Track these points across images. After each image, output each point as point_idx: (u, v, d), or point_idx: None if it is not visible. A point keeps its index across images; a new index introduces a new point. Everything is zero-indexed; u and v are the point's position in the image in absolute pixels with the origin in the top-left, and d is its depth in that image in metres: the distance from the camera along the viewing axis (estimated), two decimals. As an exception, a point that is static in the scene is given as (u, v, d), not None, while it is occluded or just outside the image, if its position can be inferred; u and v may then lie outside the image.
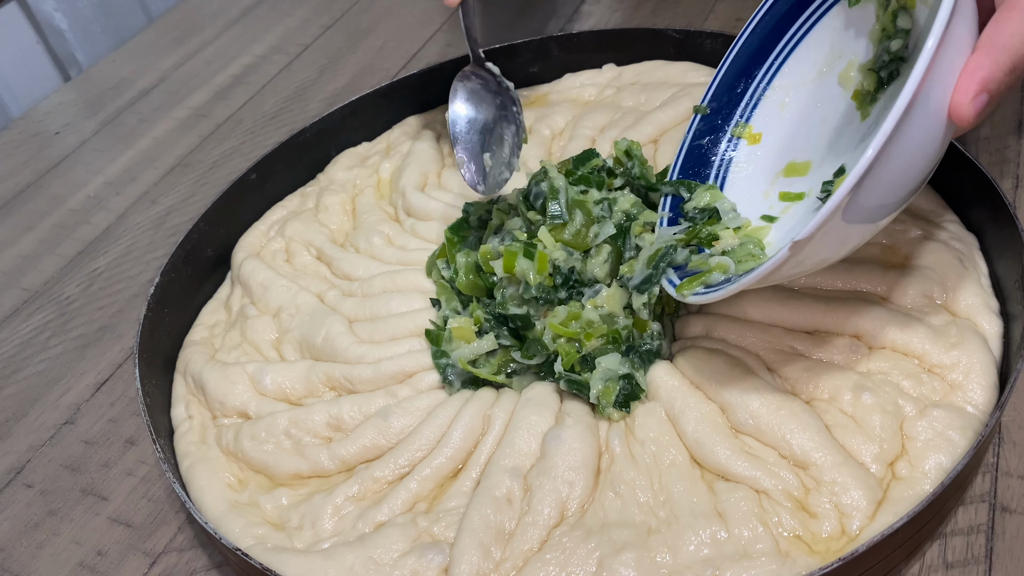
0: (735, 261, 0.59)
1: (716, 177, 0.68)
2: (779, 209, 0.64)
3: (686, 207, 0.66)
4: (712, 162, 0.69)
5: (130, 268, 0.92)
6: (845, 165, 0.61)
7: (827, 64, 0.66)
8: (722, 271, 0.58)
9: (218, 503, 0.62)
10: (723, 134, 0.69)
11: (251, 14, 1.33)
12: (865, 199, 0.47)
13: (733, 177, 0.68)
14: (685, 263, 0.62)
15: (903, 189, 0.49)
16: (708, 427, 0.58)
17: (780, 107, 0.68)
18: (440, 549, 0.55)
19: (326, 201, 0.84)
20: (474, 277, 0.69)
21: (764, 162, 0.68)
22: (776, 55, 0.68)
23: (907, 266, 0.66)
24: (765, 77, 0.68)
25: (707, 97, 0.70)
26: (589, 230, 0.66)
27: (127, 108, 1.17)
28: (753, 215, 0.65)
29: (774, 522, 0.54)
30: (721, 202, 0.65)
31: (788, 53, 0.67)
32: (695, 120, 0.70)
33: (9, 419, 0.78)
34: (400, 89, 0.92)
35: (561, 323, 0.63)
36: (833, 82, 0.65)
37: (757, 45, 0.68)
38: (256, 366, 0.69)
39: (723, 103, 0.69)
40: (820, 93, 0.66)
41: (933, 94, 0.46)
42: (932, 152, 0.49)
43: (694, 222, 0.65)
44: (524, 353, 0.64)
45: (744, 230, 0.63)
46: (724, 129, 0.69)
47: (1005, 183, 0.80)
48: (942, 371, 0.59)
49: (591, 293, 0.65)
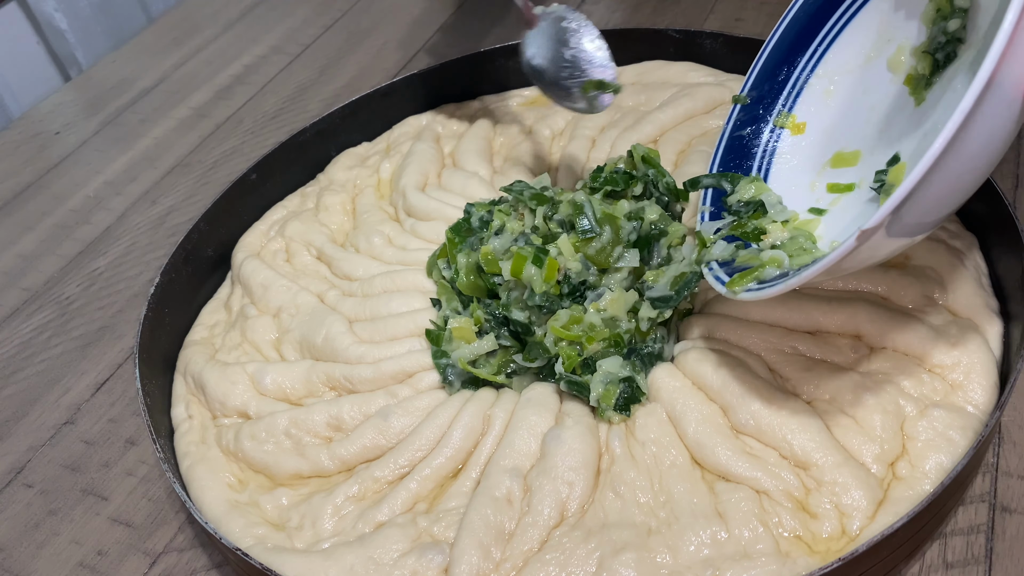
0: (787, 255, 0.57)
1: (759, 169, 0.66)
2: (827, 201, 0.62)
3: (729, 200, 0.64)
4: (754, 153, 0.67)
5: (130, 268, 0.92)
6: (899, 153, 0.58)
7: (875, 49, 0.63)
8: (776, 265, 0.56)
9: (218, 503, 0.62)
10: (765, 124, 0.67)
11: (251, 14, 1.33)
12: (934, 187, 0.45)
13: (777, 169, 0.66)
14: (732, 259, 0.60)
15: (973, 175, 0.47)
16: (709, 428, 0.58)
17: (825, 95, 0.66)
18: (440, 549, 0.55)
19: (326, 201, 0.84)
20: (475, 278, 0.69)
21: (810, 152, 0.65)
22: (820, 41, 0.65)
23: (907, 266, 0.66)
24: (808, 64, 0.66)
25: (747, 86, 0.68)
26: (614, 249, 0.65)
27: (127, 108, 1.17)
28: (800, 208, 0.62)
29: (774, 522, 0.54)
30: (767, 195, 0.63)
31: (833, 39, 0.65)
32: (735, 110, 0.68)
33: (9, 419, 0.78)
34: (400, 89, 0.92)
35: (563, 326, 0.63)
36: (882, 67, 0.63)
37: (799, 31, 0.66)
38: (256, 366, 0.69)
39: (764, 92, 0.67)
40: (868, 79, 0.64)
41: (1010, 74, 0.43)
42: (1006, 136, 0.46)
43: (739, 216, 0.63)
44: (526, 356, 0.64)
45: (792, 223, 0.61)
46: (766, 119, 0.67)
47: (1005, 183, 0.80)
48: (943, 371, 0.59)
49: (594, 296, 0.65)
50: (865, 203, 0.60)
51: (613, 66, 0.72)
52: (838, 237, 0.58)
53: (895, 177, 0.56)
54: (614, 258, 0.65)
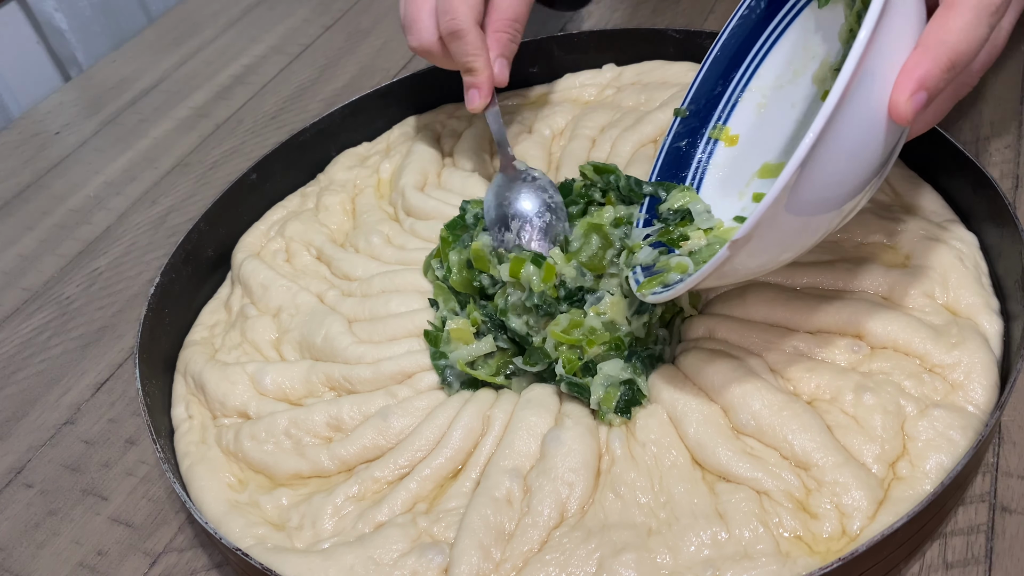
0: (699, 261, 0.60)
1: (693, 178, 0.69)
2: (751, 210, 0.63)
3: (661, 208, 0.67)
4: (690, 164, 0.69)
5: (130, 268, 0.92)
6: None
7: (801, 65, 0.66)
8: (680, 271, 0.59)
9: (218, 503, 0.62)
10: (701, 136, 0.70)
11: (251, 14, 1.33)
12: (806, 194, 0.47)
13: (710, 179, 0.69)
14: (654, 263, 0.62)
15: (847, 184, 0.49)
16: (710, 429, 0.58)
17: (757, 108, 0.68)
18: (440, 549, 0.55)
19: (326, 201, 0.84)
20: (467, 274, 0.69)
21: (740, 163, 0.68)
22: (752, 57, 0.68)
23: (908, 266, 0.66)
24: (742, 79, 0.69)
25: (687, 100, 0.70)
26: (606, 253, 0.66)
27: (127, 108, 1.17)
28: (727, 216, 0.65)
29: (775, 523, 0.54)
30: (694, 203, 0.66)
31: (764, 55, 0.68)
32: (675, 122, 0.71)
33: (9, 419, 0.78)
34: (400, 89, 0.92)
35: (563, 331, 0.63)
36: (807, 82, 0.65)
37: (735, 47, 0.68)
38: (256, 366, 0.69)
39: (701, 105, 0.70)
40: (795, 94, 0.66)
41: (872, 91, 0.46)
42: (875, 148, 0.48)
43: (667, 223, 0.66)
44: (526, 360, 0.64)
45: (716, 231, 0.63)
46: (702, 131, 0.70)
47: (1005, 183, 0.80)
48: (943, 371, 0.59)
49: (593, 300, 0.65)
50: None
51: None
52: None
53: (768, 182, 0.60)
54: (607, 262, 0.66)
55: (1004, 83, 0.90)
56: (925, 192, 0.72)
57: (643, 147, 0.81)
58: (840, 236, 0.68)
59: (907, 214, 0.69)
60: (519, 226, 0.70)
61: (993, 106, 0.87)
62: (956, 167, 0.69)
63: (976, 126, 0.86)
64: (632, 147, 0.81)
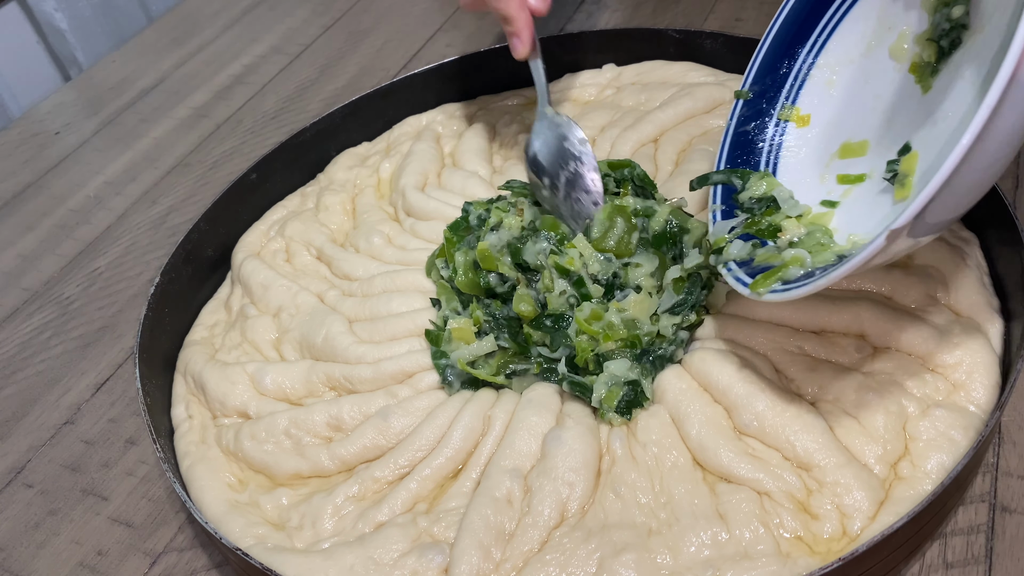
0: (809, 250, 0.56)
1: (767, 164, 0.65)
2: (839, 193, 0.62)
3: (740, 197, 0.64)
4: (760, 149, 0.66)
5: (130, 268, 0.92)
6: (910, 142, 0.58)
7: (876, 37, 0.63)
8: (799, 264, 0.55)
9: (218, 503, 0.62)
10: (769, 118, 0.67)
11: (251, 14, 1.33)
12: (958, 185, 0.45)
13: (785, 163, 0.65)
14: (750, 258, 0.59)
15: (993, 170, 0.47)
16: (712, 430, 0.58)
17: (828, 86, 0.65)
18: (440, 549, 0.55)
19: (326, 201, 0.84)
20: (472, 275, 0.69)
21: (816, 144, 0.65)
22: (819, 32, 0.65)
23: (911, 266, 0.66)
24: (809, 55, 0.66)
25: (747, 81, 0.67)
26: (631, 236, 0.65)
27: (127, 108, 1.17)
28: (812, 201, 0.62)
29: (775, 523, 0.54)
30: (778, 190, 0.62)
31: (833, 28, 0.64)
32: (737, 106, 0.67)
33: (9, 419, 0.78)
34: (400, 89, 0.92)
35: (585, 319, 0.63)
36: (884, 56, 0.62)
37: (798, 23, 0.65)
38: (256, 366, 0.69)
39: (766, 86, 0.67)
40: (870, 68, 0.63)
41: None
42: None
43: (752, 213, 0.62)
44: (551, 347, 0.64)
45: (807, 218, 0.60)
46: (770, 113, 0.67)
47: (1005, 183, 0.80)
48: (945, 371, 0.59)
49: (620, 296, 0.65)
50: (878, 193, 0.59)
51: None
52: (856, 230, 0.57)
53: (908, 166, 0.56)
54: (634, 246, 0.65)
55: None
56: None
57: (643, 146, 0.81)
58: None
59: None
60: (576, 167, 0.69)
61: (993, 106, 0.87)
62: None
63: None
64: (632, 146, 0.81)
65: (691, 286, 0.64)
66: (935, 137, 0.56)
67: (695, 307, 0.64)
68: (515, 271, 0.67)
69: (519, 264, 0.67)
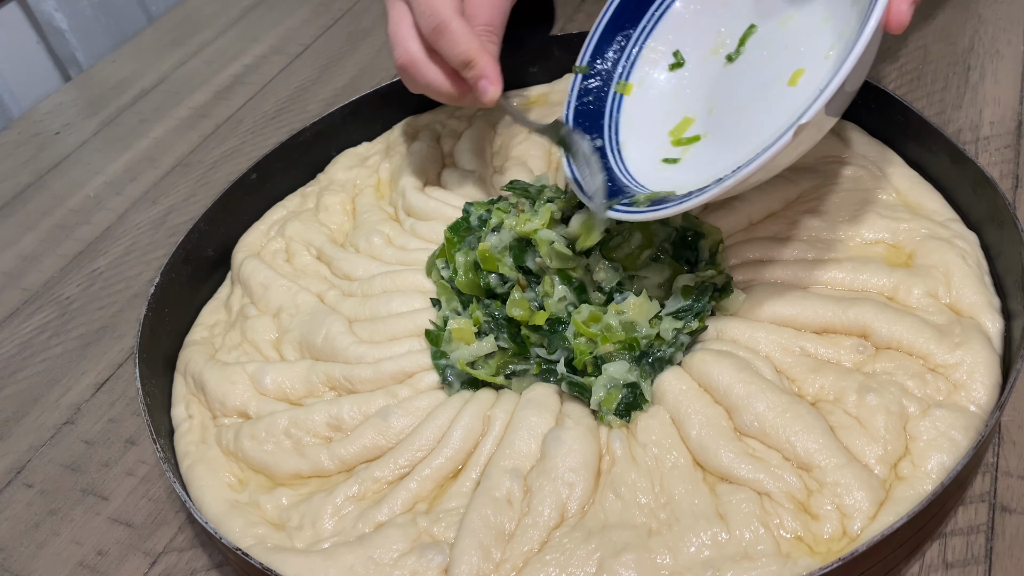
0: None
1: (609, 130, 0.72)
2: (677, 152, 0.69)
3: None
4: (601, 121, 0.73)
5: (130, 268, 0.92)
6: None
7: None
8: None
9: (218, 503, 0.62)
10: (606, 92, 0.73)
11: (251, 14, 1.33)
12: (845, 89, 0.54)
13: (625, 131, 0.72)
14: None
15: (858, 84, 0.59)
16: (712, 430, 0.58)
17: (653, 65, 0.74)
18: (440, 549, 0.55)
19: (326, 201, 0.84)
20: (473, 275, 0.69)
21: (652, 115, 0.72)
22: (649, 16, 0.73)
23: (912, 265, 0.66)
24: (640, 37, 0.74)
25: (585, 57, 0.74)
26: (643, 253, 0.66)
27: (127, 108, 1.17)
28: (653, 160, 0.68)
29: (775, 524, 0.54)
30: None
31: (660, 16, 0.73)
32: (576, 80, 0.74)
33: (9, 419, 0.78)
34: (400, 89, 0.92)
35: (583, 321, 0.63)
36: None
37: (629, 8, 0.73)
38: (256, 366, 0.69)
39: (603, 63, 0.74)
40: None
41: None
42: (875, 51, 0.58)
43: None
44: (548, 349, 0.64)
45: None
46: (607, 88, 0.73)
47: (1005, 183, 0.80)
48: (946, 371, 0.59)
49: (620, 298, 0.65)
50: (714, 152, 0.67)
51: None
52: (698, 183, 0.62)
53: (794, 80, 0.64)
54: (641, 261, 0.66)
55: (1004, 83, 0.90)
56: (927, 192, 0.72)
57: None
58: (844, 235, 0.69)
59: (910, 213, 0.69)
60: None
61: (993, 106, 0.87)
62: (956, 167, 0.69)
63: (976, 126, 0.86)
64: (632, 147, 0.81)
65: (699, 294, 0.64)
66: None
67: (699, 315, 0.64)
68: (516, 272, 0.67)
69: (521, 267, 0.67)
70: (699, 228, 0.68)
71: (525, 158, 0.84)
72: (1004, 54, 0.93)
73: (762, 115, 0.65)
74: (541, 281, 0.66)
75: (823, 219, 0.70)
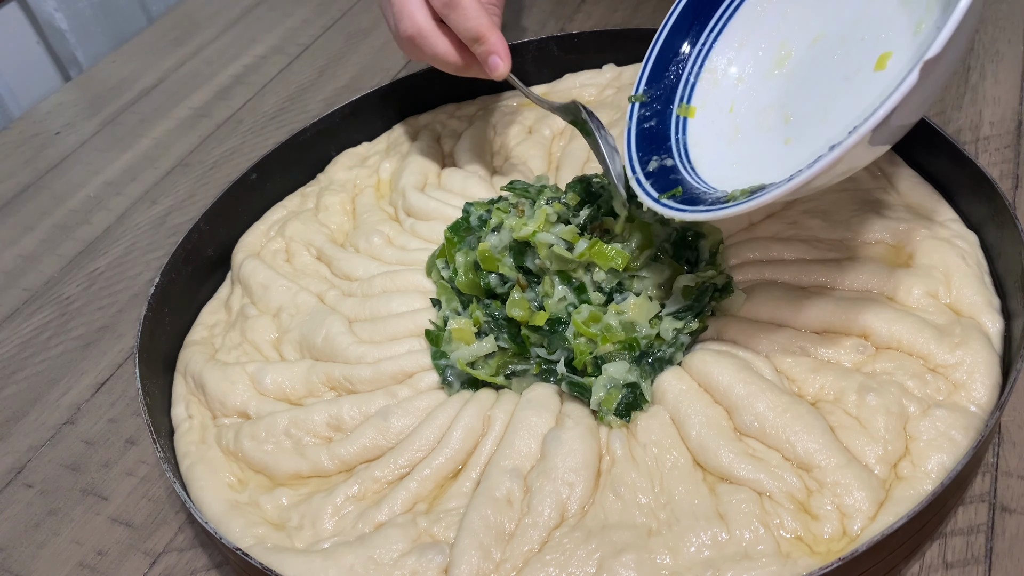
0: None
1: (678, 153, 0.69)
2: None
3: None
4: (668, 144, 0.70)
5: (130, 268, 0.92)
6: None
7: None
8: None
9: (218, 503, 0.62)
10: (669, 115, 0.70)
11: (251, 14, 1.33)
12: (959, 35, 0.49)
13: (694, 152, 0.69)
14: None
15: (965, 42, 0.52)
16: (712, 431, 0.58)
17: (713, 85, 0.70)
18: (440, 549, 0.55)
19: (326, 201, 0.84)
20: (473, 275, 0.69)
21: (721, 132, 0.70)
22: (708, 32, 0.72)
23: (912, 265, 0.66)
24: (699, 57, 0.71)
25: (640, 86, 0.71)
26: (643, 253, 0.66)
27: (127, 108, 1.17)
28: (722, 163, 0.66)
29: (775, 524, 0.54)
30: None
31: (721, 28, 0.71)
32: (633, 108, 0.71)
33: (9, 419, 0.78)
34: (400, 89, 0.92)
35: (583, 321, 0.63)
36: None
37: (688, 20, 0.72)
38: (256, 366, 0.69)
39: (660, 89, 0.71)
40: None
41: None
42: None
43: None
44: (548, 349, 0.64)
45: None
46: (668, 110, 0.70)
47: (1005, 183, 0.80)
48: (946, 371, 0.59)
49: (620, 298, 0.65)
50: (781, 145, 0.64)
51: None
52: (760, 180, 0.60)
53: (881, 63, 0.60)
54: (642, 261, 0.66)
55: (1004, 83, 0.90)
56: (927, 192, 0.72)
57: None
58: (845, 235, 0.69)
59: (910, 213, 0.69)
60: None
61: (993, 106, 0.87)
62: (956, 167, 0.69)
63: (976, 126, 0.86)
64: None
65: (700, 295, 0.64)
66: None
67: (699, 315, 0.64)
68: (516, 272, 0.67)
69: (521, 267, 0.67)
70: (699, 228, 0.67)
71: (525, 158, 0.84)
72: (1004, 54, 0.93)
73: (851, 106, 0.60)
74: (541, 281, 0.66)
75: (823, 219, 0.70)
